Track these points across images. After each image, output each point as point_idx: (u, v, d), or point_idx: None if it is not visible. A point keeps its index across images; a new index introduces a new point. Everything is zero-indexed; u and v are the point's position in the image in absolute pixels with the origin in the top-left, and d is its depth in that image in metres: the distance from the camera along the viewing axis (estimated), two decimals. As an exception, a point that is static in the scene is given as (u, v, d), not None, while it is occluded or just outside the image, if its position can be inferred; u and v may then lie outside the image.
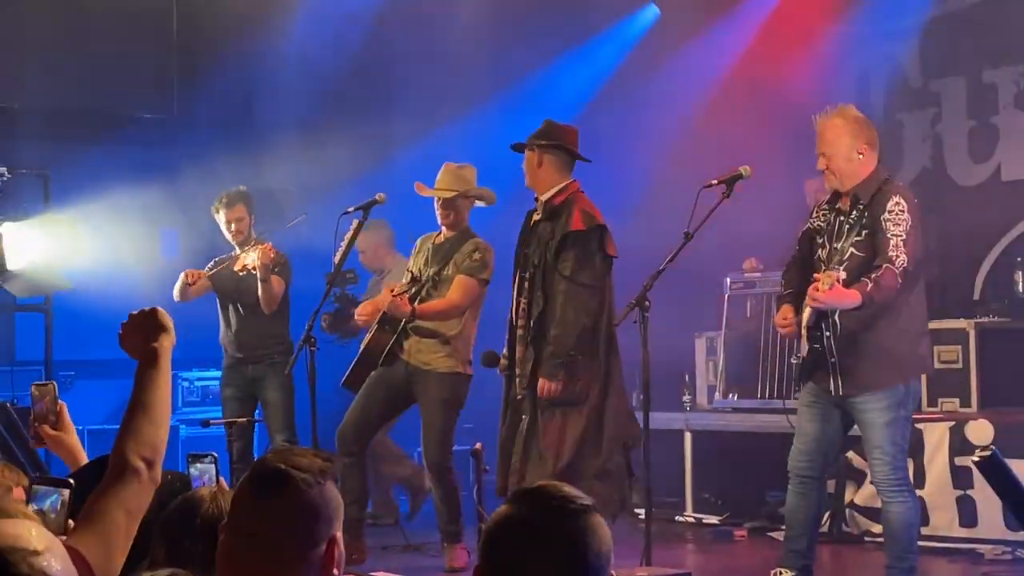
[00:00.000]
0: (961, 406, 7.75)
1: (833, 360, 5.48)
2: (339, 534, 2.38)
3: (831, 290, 5.19)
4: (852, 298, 5.26)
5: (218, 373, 8.98)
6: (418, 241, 7.15)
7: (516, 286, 6.32)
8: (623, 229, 6.80)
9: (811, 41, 9.58)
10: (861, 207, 5.46)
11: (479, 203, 7.00)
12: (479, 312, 6.92)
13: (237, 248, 7.59)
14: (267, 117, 9.41)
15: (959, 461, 7.29)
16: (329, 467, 2.40)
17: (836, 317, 5.45)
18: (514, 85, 9.99)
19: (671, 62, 10.12)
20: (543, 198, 6.27)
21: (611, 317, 6.15)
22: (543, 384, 6.07)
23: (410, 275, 6.93)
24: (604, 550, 2.18)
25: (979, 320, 7.97)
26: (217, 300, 7.79)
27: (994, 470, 2.36)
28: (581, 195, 6.26)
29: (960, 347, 7.84)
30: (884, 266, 5.28)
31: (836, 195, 5.64)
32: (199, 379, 9.42)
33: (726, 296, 8.83)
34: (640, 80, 10.18)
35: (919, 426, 7.59)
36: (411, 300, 6.76)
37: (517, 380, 6.19)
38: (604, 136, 9.85)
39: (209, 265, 7.74)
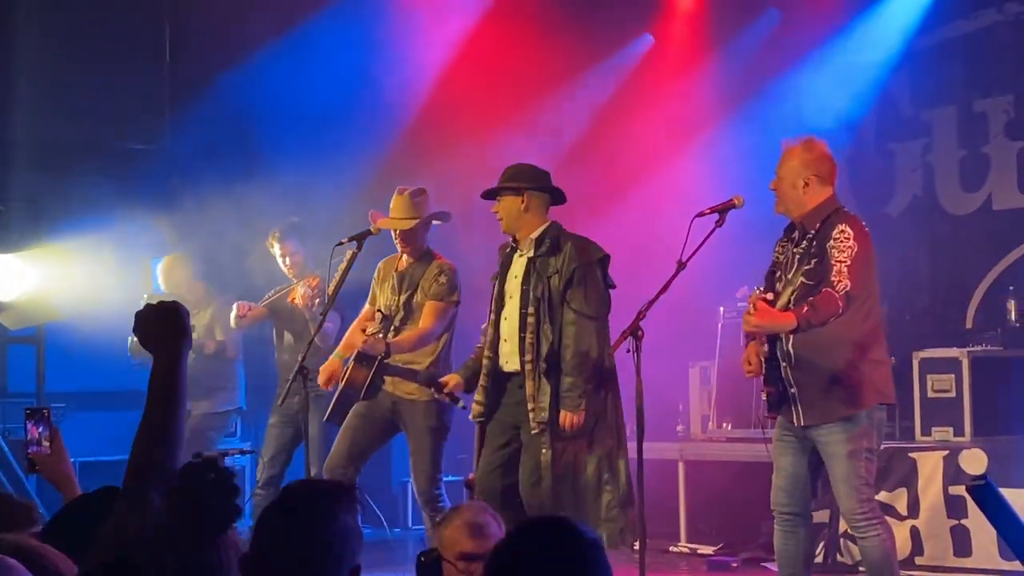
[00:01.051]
0: (955, 435, 7.75)
1: (793, 391, 5.49)
2: (360, 565, 2.39)
3: (761, 313, 5.21)
4: (787, 320, 5.27)
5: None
6: (380, 266, 7.08)
7: (510, 322, 6.24)
8: (618, 258, 6.79)
9: (803, 71, 9.62)
10: (810, 236, 5.51)
11: (436, 221, 6.96)
12: (453, 334, 6.90)
13: (294, 280, 7.64)
14: (260, 147, 9.42)
15: (953, 490, 7.27)
16: (356, 497, 2.41)
17: (790, 347, 5.47)
18: (512, 115, 10.01)
19: (665, 90, 10.16)
20: (533, 236, 6.23)
21: (609, 347, 6.15)
22: (567, 416, 6.01)
23: (380, 315, 6.89)
24: None
25: (972, 349, 7.98)
26: (273, 329, 7.90)
27: (988, 499, 2.35)
28: (567, 231, 6.28)
29: (953, 376, 7.84)
30: (824, 290, 5.29)
31: (791, 227, 5.69)
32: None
33: (720, 325, 8.83)
34: (635, 108, 10.21)
35: (912, 455, 7.59)
36: (384, 334, 6.77)
37: (531, 415, 6.10)
38: (598, 165, 9.89)
39: (268, 294, 7.84)
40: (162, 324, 2.59)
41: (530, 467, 6.11)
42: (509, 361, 6.21)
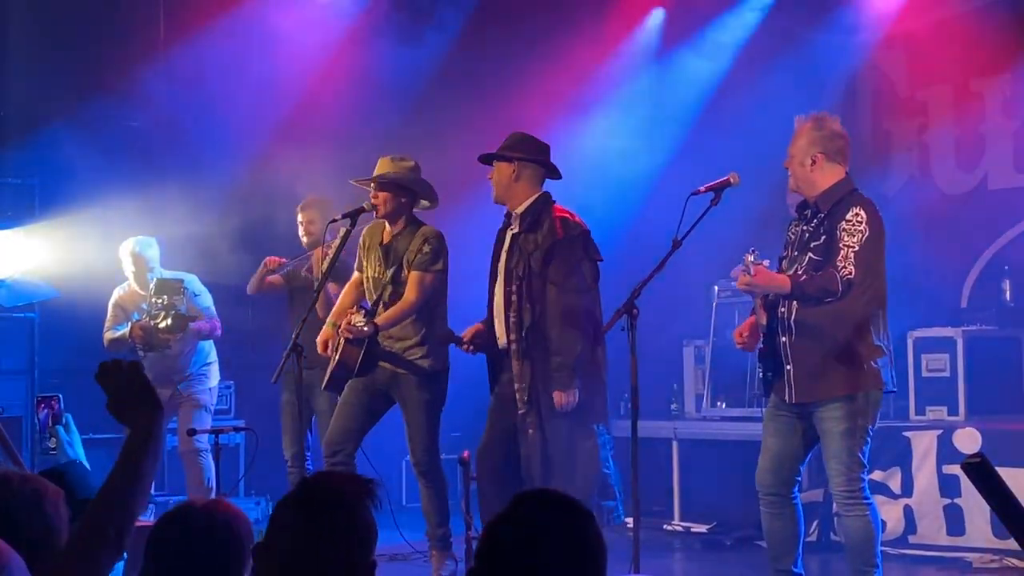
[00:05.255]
0: (949, 414, 7.76)
1: (788, 367, 5.47)
2: (376, 561, 2.40)
3: (758, 274, 5.23)
4: (782, 282, 5.33)
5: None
6: (365, 233, 6.93)
7: (497, 300, 6.25)
8: (609, 239, 6.80)
9: (798, 50, 9.59)
10: (821, 216, 5.49)
11: (424, 203, 6.86)
12: (446, 303, 6.83)
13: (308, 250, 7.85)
14: (256, 126, 9.38)
15: (947, 469, 7.29)
16: (373, 492, 2.41)
17: (792, 321, 5.45)
18: (504, 100, 9.98)
19: (663, 70, 10.14)
20: (519, 211, 6.20)
21: (599, 323, 6.15)
22: (559, 396, 6.02)
23: (363, 309, 6.80)
24: (600, 554, 2.24)
25: (967, 328, 7.99)
26: (287, 301, 8.10)
27: (983, 476, 2.35)
28: (556, 204, 6.24)
29: (948, 355, 7.85)
30: (828, 269, 5.33)
31: (804, 206, 5.67)
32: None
33: (714, 304, 8.82)
34: (631, 89, 10.18)
35: (907, 434, 7.60)
36: (372, 314, 6.70)
37: (517, 395, 6.11)
38: (593, 146, 9.87)
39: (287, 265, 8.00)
40: (131, 390, 2.61)
41: (523, 444, 6.13)
42: (501, 337, 6.23)
